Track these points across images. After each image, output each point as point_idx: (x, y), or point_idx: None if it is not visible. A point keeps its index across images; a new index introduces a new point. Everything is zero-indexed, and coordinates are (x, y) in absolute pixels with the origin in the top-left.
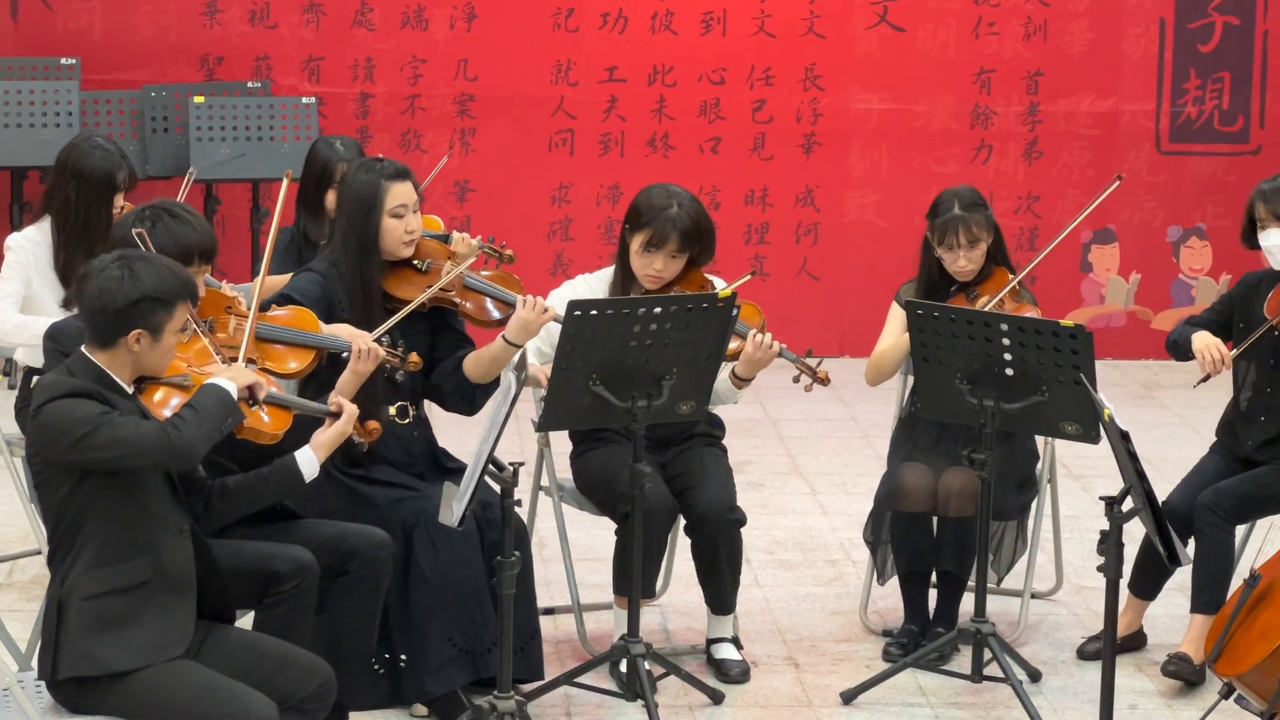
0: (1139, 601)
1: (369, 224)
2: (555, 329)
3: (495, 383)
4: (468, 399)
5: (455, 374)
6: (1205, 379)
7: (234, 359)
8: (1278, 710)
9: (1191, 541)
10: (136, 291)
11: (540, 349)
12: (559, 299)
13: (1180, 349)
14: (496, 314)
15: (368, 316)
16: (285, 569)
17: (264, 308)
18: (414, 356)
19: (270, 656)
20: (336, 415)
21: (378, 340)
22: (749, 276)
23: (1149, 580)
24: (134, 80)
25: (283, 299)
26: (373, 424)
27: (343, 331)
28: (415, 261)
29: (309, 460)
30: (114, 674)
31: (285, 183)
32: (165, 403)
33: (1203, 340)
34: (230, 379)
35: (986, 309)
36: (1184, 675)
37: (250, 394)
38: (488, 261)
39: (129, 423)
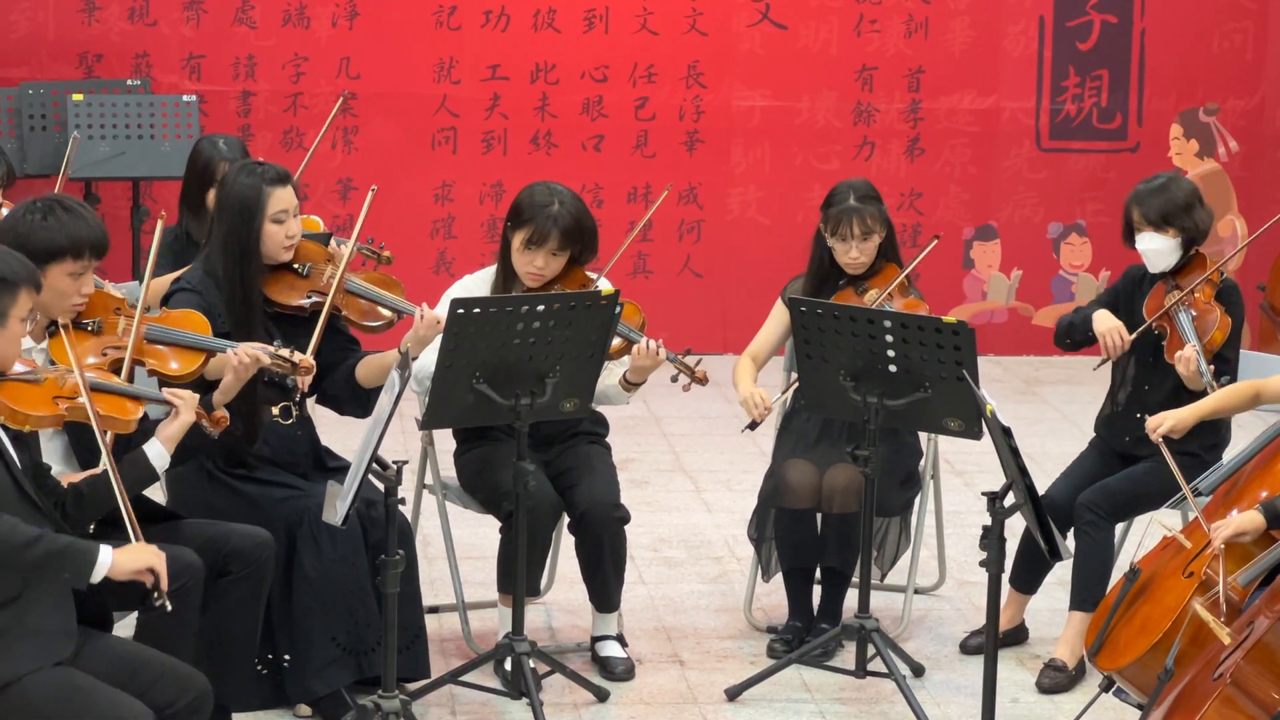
0: (1020, 596)
1: (250, 229)
2: None
3: None
4: (362, 403)
5: (349, 382)
6: (1105, 361)
7: (121, 360)
8: (1154, 706)
9: (1071, 538)
10: None
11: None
12: (446, 306)
13: (1077, 330)
14: (379, 320)
15: (247, 321)
16: (169, 570)
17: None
18: (306, 360)
19: (148, 666)
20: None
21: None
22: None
23: (1029, 574)
24: (11, 78)
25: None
26: (219, 414)
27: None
28: (295, 265)
29: (159, 453)
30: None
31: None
32: (16, 397)
33: (1105, 322)
34: (120, 560)
35: (876, 303)
36: (1060, 687)
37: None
38: (365, 263)
39: None
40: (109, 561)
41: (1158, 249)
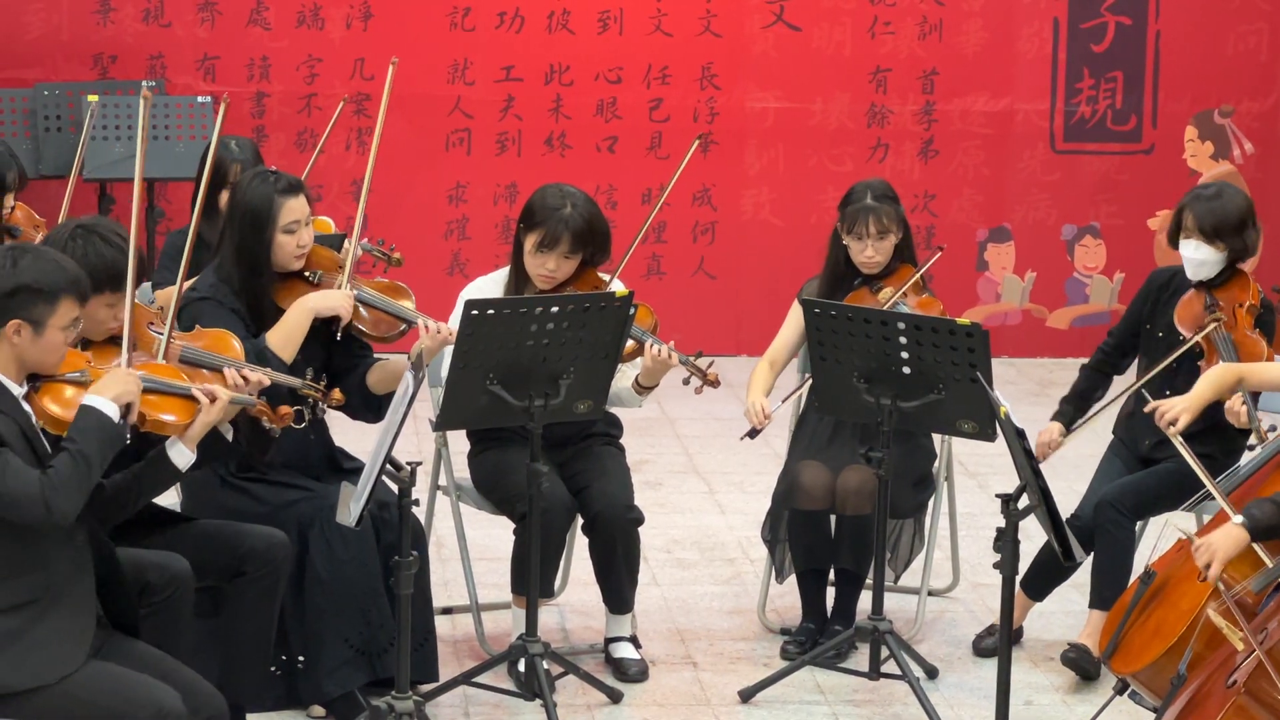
0: (1027, 601)
1: (261, 239)
2: None
3: None
4: (374, 409)
5: (361, 389)
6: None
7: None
8: (1166, 709)
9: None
10: (13, 281)
11: None
12: (460, 307)
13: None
14: (388, 330)
15: (260, 329)
16: (157, 580)
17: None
18: (336, 393)
19: (170, 677)
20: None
21: (301, 373)
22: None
23: (1042, 582)
24: (26, 79)
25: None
26: (284, 409)
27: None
28: (306, 273)
29: (180, 451)
30: (12, 693)
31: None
32: (61, 399)
33: (1041, 436)
34: (113, 397)
35: (890, 301)
36: (1083, 664)
37: (127, 409)
38: (375, 265)
39: (13, 469)
40: (98, 399)
41: (1202, 259)
